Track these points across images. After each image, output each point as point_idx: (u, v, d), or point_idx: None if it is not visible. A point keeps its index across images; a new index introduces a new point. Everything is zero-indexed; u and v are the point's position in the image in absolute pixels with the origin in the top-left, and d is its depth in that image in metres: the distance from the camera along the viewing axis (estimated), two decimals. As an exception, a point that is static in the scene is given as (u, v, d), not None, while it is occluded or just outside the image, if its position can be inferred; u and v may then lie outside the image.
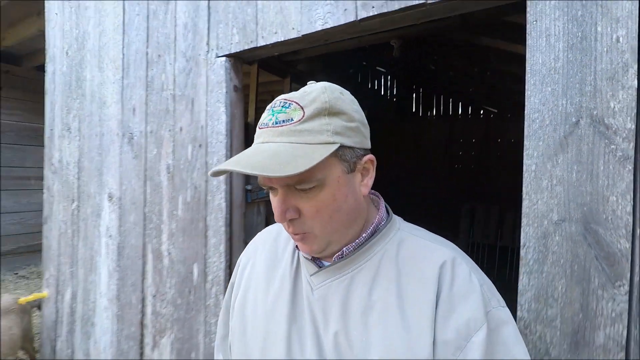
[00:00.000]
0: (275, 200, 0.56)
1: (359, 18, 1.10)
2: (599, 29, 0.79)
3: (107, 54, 1.83)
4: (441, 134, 5.96)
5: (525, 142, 0.86)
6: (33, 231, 4.49)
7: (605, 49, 0.78)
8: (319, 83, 0.57)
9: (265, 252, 0.69)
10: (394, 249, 0.58)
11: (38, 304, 2.38)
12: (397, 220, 0.64)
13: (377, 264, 0.57)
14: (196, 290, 1.49)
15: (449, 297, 0.52)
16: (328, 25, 1.16)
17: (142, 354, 1.66)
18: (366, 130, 0.59)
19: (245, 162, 0.51)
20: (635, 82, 0.76)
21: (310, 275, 0.60)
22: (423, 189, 5.60)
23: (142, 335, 1.67)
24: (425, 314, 0.52)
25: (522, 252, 0.86)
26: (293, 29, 1.23)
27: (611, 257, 0.77)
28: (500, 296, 0.56)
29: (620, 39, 0.77)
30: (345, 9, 1.12)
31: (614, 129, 0.77)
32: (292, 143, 0.51)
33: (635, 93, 0.76)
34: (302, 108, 0.53)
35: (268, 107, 0.56)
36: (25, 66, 4.33)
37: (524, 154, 0.87)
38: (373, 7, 1.07)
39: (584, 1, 0.80)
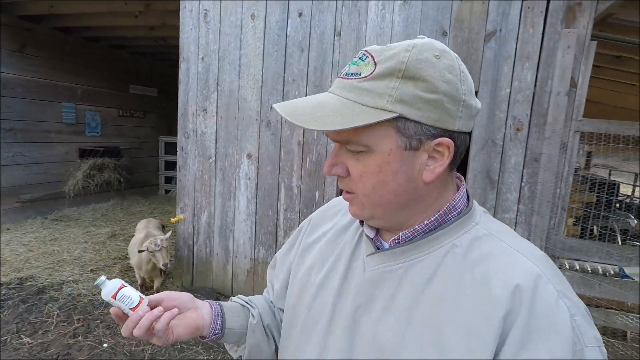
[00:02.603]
0: None
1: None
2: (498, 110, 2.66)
3: (248, 70, 3.17)
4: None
5: (472, 145, 2.72)
6: (57, 180, 5.22)
7: (496, 125, 2.66)
8: (421, 38, 0.52)
9: (336, 219, 0.72)
10: (465, 246, 0.53)
11: (163, 226, 3.68)
12: (479, 212, 0.58)
13: (439, 260, 0.54)
14: (317, 204, 3.12)
15: (525, 324, 0.45)
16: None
17: (276, 240, 3.25)
18: (455, 108, 0.51)
19: (292, 106, 0.53)
20: (503, 131, 2.65)
21: (367, 255, 0.60)
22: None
23: (276, 231, 3.24)
24: (480, 337, 0.46)
25: (468, 178, 2.75)
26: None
27: (492, 180, 2.70)
28: (597, 331, 0.48)
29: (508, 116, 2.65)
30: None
31: (497, 142, 2.67)
32: (347, 99, 0.51)
33: (503, 129, 2.65)
34: (375, 64, 0.50)
35: None
36: (45, 26, 4.79)
37: (471, 149, 2.72)
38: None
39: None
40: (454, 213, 0.56)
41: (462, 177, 0.62)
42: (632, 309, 2.82)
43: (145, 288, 3.24)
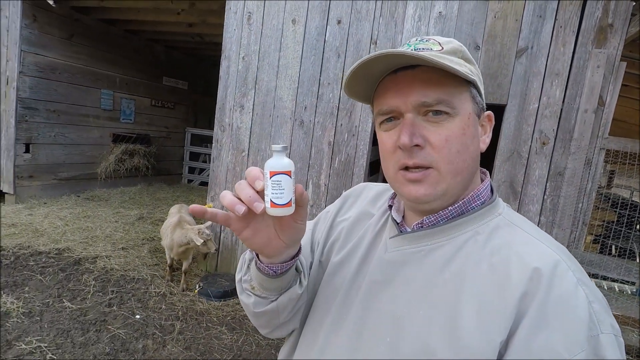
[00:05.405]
0: (398, 129, 0.55)
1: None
2: (524, 128, 2.79)
3: (285, 71, 3.37)
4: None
5: (497, 156, 2.86)
6: (90, 161, 5.54)
7: (523, 138, 2.79)
8: None
9: (364, 204, 0.74)
10: (486, 234, 0.55)
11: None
12: (502, 205, 0.60)
13: (460, 245, 0.55)
14: (342, 202, 3.30)
15: (542, 307, 0.46)
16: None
17: (300, 234, 3.44)
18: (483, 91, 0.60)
19: (398, 51, 0.51)
20: (529, 144, 2.78)
21: (390, 238, 0.62)
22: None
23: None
24: (494, 317, 0.47)
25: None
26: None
27: (515, 190, 2.84)
28: (614, 321, 0.47)
29: (536, 135, 2.78)
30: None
31: (523, 155, 2.81)
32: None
33: (529, 142, 2.79)
34: (440, 44, 0.56)
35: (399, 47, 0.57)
36: (92, 17, 5.12)
37: (496, 159, 2.86)
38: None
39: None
40: (478, 202, 0.58)
41: (487, 172, 0.64)
42: (646, 327, 2.90)
43: (173, 269, 3.47)
